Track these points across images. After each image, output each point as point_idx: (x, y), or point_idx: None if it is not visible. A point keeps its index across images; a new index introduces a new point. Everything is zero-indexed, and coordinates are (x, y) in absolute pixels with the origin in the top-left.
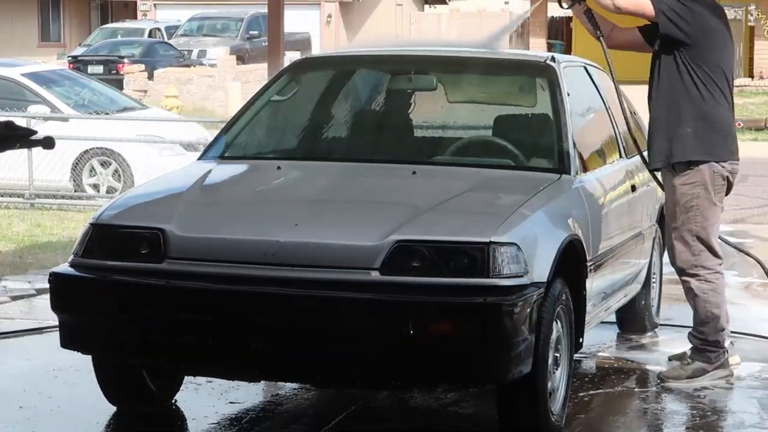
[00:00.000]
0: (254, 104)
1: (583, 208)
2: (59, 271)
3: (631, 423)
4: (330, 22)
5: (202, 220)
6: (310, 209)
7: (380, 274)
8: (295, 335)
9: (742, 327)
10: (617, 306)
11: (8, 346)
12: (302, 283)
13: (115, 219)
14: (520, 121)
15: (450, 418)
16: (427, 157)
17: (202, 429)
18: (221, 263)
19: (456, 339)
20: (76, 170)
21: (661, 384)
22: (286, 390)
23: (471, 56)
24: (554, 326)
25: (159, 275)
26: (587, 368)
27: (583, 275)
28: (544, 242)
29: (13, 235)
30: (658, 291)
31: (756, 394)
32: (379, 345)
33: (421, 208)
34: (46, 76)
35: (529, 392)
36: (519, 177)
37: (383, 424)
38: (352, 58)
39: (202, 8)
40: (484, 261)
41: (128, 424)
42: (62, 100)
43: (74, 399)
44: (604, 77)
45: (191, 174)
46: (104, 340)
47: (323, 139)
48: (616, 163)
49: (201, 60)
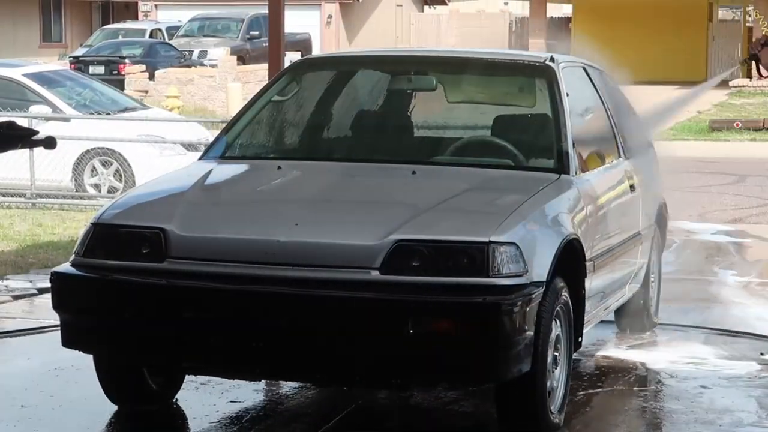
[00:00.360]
0: (255, 104)
1: (582, 207)
2: (61, 270)
3: (630, 422)
4: (330, 22)
5: (203, 220)
6: (310, 209)
7: (380, 273)
8: (295, 334)
9: (740, 326)
10: (616, 305)
11: (10, 345)
12: (302, 283)
13: (116, 219)
14: (519, 121)
15: (449, 417)
16: (426, 157)
17: (202, 428)
18: (222, 263)
19: (455, 338)
20: (77, 170)
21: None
22: (287, 389)
23: (470, 57)
24: (553, 325)
25: (160, 275)
26: (586, 367)
27: (582, 275)
28: (544, 242)
29: (15, 234)
30: (657, 290)
31: (754, 393)
32: (379, 344)
33: (421, 207)
34: (47, 77)
35: (528, 391)
36: (518, 177)
37: (383, 422)
38: (353, 58)
39: (202, 9)
40: (483, 260)
41: (129, 422)
42: (64, 100)
43: (75, 398)
44: (604, 77)
45: (192, 174)
46: (105, 340)
47: (323, 140)
48: (615, 163)
49: (202, 60)
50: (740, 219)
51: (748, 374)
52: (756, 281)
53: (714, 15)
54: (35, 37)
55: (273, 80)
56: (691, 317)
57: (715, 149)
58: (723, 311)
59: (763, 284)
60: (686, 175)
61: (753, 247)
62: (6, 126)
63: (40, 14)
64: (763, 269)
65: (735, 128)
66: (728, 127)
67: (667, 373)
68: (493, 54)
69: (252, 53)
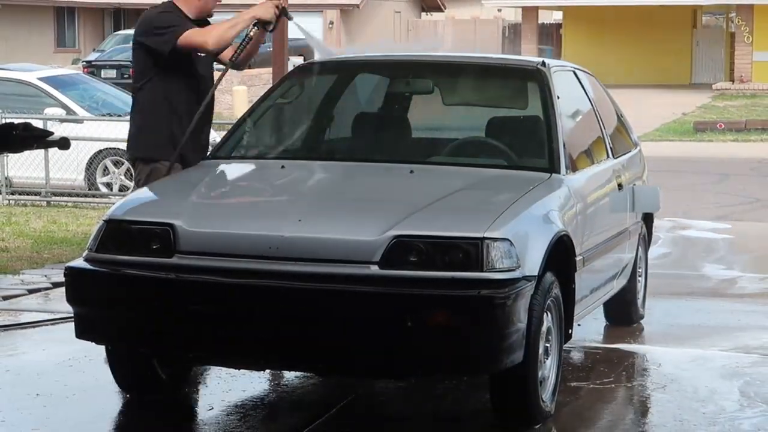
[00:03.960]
0: (259, 107)
1: (572, 205)
2: (74, 265)
3: (617, 410)
4: (332, 28)
5: (211, 216)
6: (312, 206)
7: (379, 267)
8: (298, 326)
9: (715, 319)
10: (605, 299)
11: (26, 337)
12: (305, 277)
13: (127, 215)
14: (512, 122)
15: (446, 405)
16: (424, 157)
17: (210, 415)
18: (228, 257)
19: (451, 330)
20: (90, 169)
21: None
22: (290, 378)
23: (466, 61)
24: (545, 318)
25: (169, 269)
26: (576, 358)
27: (572, 269)
28: (535, 238)
29: (31, 231)
30: (643, 285)
31: (737, 382)
32: (378, 335)
33: (419, 205)
34: (61, 80)
35: (520, 380)
36: (511, 176)
37: (383, 411)
38: (353, 62)
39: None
40: (478, 255)
41: (140, 410)
42: (77, 102)
43: (88, 386)
44: (593, 81)
45: (200, 173)
46: (117, 331)
47: (325, 140)
48: (604, 163)
49: None
50: (724, 216)
51: (731, 364)
52: (738, 275)
53: (698, 21)
54: (50, 42)
55: (277, 84)
56: (675, 310)
57: (700, 149)
58: (705, 304)
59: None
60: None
61: (736, 243)
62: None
63: (55, 21)
64: (745, 263)
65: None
66: (712, 129)
67: (654, 363)
68: (487, 58)
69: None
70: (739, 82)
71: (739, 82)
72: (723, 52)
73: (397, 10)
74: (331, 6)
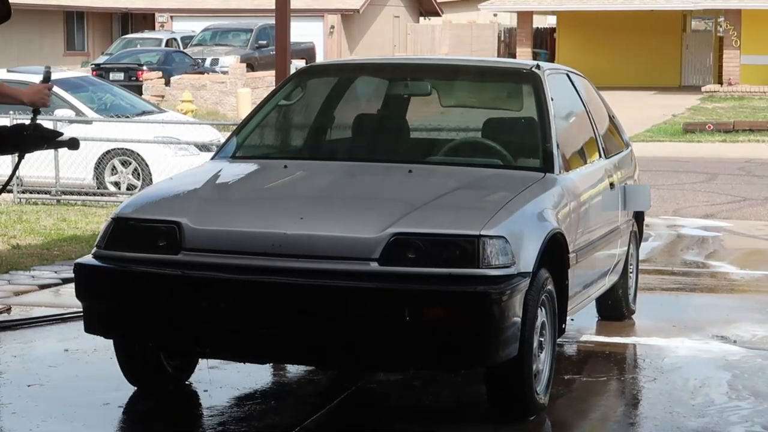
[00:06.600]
0: (263, 108)
1: (566, 204)
2: (83, 261)
3: (609, 402)
4: (333, 32)
5: (215, 214)
6: (314, 204)
7: (379, 264)
8: (300, 321)
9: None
10: (597, 294)
11: (36, 331)
12: (307, 273)
13: (135, 213)
14: (507, 123)
15: (443, 397)
16: (422, 158)
17: (213, 406)
18: (233, 254)
19: (448, 325)
20: (98, 169)
21: None
22: (292, 371)
23: (462, 64)
24: (539, 313)
25: (175, 266)
26: (569, 352)
27: (566, 266)
28: (530, 235)
29: (41, 228)
30: (634, 281)
31: (726, 375)
32: (378, 330)
33: (417, 203)
34: (71, 82)
35: (515, 374)
36: (506, 175)
37: (383, 402)
38: (353, 65)
39: (214, 20)
40: (474, 252)
41: (146, 402)
42: (86, 104)
43: (96, 379)
44: (586, 83)
45: (205, 172)
46: (125, 326)
47: (326, 141)
48: (596, 162)
49: (214, 68)
50: (712, 214)
51: (720, 357)
52: (727, 271)
53: (688, 25)
54: (60, 46)
55: (279, 86)
56: (665, 305)
57: (689, 150)
58: (694, 299)
59: (733, 274)
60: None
61: (724, 240)
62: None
63: (65, 25)
64: (733, 259)
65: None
66: (701, 129)
67: (645, 356)
68: (484, 62)
69: (260, 61)
70: (728, 85)
71: (728, 84)
72: (712, 55)
73: (396, 15)
74: (332, 11)
